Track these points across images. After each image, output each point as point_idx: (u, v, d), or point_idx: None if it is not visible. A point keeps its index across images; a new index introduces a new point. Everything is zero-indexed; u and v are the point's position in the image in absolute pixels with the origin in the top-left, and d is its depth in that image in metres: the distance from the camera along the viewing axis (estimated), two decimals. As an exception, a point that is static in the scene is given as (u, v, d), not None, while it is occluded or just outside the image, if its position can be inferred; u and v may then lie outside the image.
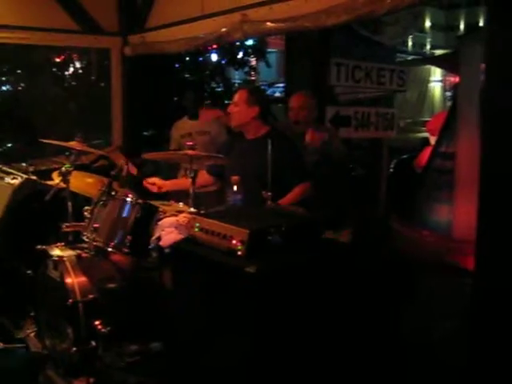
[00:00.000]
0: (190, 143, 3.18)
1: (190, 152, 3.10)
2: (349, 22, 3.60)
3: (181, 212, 2.94)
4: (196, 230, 2.51)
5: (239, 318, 2.28)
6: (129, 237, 3.22)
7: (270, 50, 11.51)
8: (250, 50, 9.91)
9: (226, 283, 2.32)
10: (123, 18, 5.78)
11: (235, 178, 2.92)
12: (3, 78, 8.61)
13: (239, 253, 2.27)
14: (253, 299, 2.21)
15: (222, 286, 2.35)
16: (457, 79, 5.23)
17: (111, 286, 3.25)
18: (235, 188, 2.90)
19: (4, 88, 8.69)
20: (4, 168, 4.48)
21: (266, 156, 3.04)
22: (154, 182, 3.75)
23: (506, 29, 2.61)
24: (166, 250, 2.67)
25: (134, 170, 3.92)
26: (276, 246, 2.28)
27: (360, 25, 5.94)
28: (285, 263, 2.31)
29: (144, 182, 3.79)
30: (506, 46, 2.62)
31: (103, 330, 3.05)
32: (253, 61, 10.60)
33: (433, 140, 5.84)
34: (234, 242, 2.29)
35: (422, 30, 33.96)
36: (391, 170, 7.75)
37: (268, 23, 4.08)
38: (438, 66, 11.87)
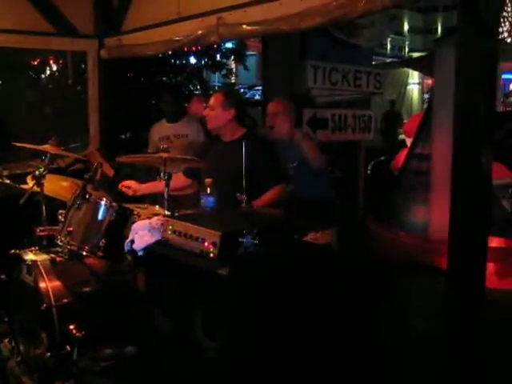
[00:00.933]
0: (165, 146, 3.18)
1: (163, 154, 3.10)
2: (323, 25, 3.63)
3: (156, 215, 2.94)
4: (169, 232, 2.51)
5: (212, 320, 2.28)
6: (103, 240, 3.21)
7: (249, 52, 11.55)
8: (228, 53, 9.94)
9: (199, 286, 2.32)
10: (99, 20, 5.75)
11: (208, 180, 2.93)
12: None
13: (211, 255, 2.28)
14: (225, 301, 2.21)
15: (195, 289, 2.35)
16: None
17: (86, 289, 3.23)
18: (209, 190, 2.90)
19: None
20: (-23, 172, 4.43)
21: (242, 158, 3.05)
22: (129, 186, 3.74)
23: (477, 32, 2.66)
24: (140, 253, 2.66)
25: (110, 172, 3.90)
26: (248, 248, 2.28)
27: (336, 28, 5.98)
28: (257, 265, 2.31)
29: (120, 186, 3.77)
30: (477, 48, 2.67)
31: (78, 334, 3.03)
32: (231, 63, 10.63)
33: (409, 142, 5.92)
34: (206, 244, 2.30)
35: (400, 33, 34.30)
36: (369, 171, 7.82)
37: (243, 26, 4.09)
38: (415, 68, 12.03)
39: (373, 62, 10.08)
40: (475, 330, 2.86)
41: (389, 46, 33.57)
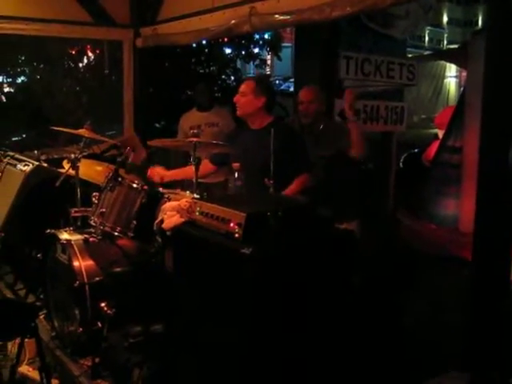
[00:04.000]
0: (195, 131, 3.26)
1: (193, 139, 3.18)
2: (353, 14, 3.65)
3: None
4: (197, 213, 2.59)
5: (236, 299, 2.35)
6: (134, 222, 3.32)
7: (285, 44, 11.54)
8: (263, 44, 9.96)
9: (224, 265, 2.40)
10: (135, 10, 5.89)
11: (236, 164, 3.00)
12: (18, 70, 8.76)
13: (236, 235, 2.34)
14: (249, 280, 2.28)
15: (220, 268, 2.43)
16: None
17: (117, 269, 3.35)
18: (236, 175, 2.97)
19: (19, 79, 8.85)
20: (17, 156, 4.60)
21: (270, 145, 3.11)
22: (157, 172, 3.81)
23: (507, 21, 2.65)
24: (168, 233, 2.75)
25: (143, 154, 3.98)
26: (274, 229, 2.34)
27: (370, 18, 5.96)
28: (281, 246, 2.37)
29: (148, 173, 3.84)
30: (507, 37, 2.66)
31: (109, 311, 3.16)
32: (267, 55, 10.66)
33: (440, 134, 5.86)
34: (231, 224, 2.37)
35: (439, 25, 33.71)
36: (401, 164, 7.78)
37: (275, 16, 4.15)
38: (449, 60, 11.79)
39: (410, 55, 9.99)
40: (499, 322, 2.86)
41: (427, 39, 33.07)
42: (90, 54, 8.79)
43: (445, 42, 35.36)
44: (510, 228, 2.85)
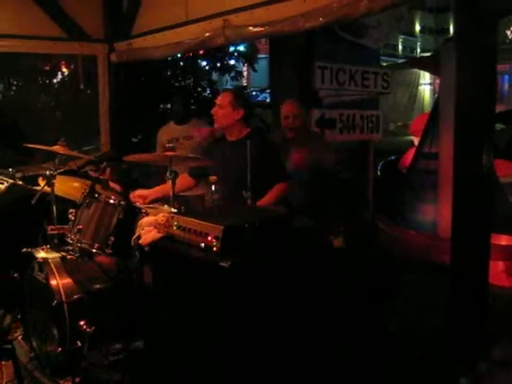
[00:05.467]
0: (171, 145, 3.25)
1: (169, 153, 3.17)
2: (326, 25, 3.68)
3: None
4: (174, 228, 2.58)
5: (216, 313, 2.34)
6: (112, 238, 3.28)
7: (261, 55, 11.60)
8: (238, 56, 10.01)
9: (203, 279, 2.39)
10: (109, 25, 5.86)
11: (213, 177, 2.99)
12: (-9, 86, 8.69)
13: (214, 249, 2.34)
14: (228, 293, 2.27)
15: (199, 282, 2.42)
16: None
17: (95, 286, 3.31)
18: (213, 188, 2.97)
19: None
20: (-9, 174, 4.53)
21: (247, 157, 3.11)
22: (139, 195, 3.78)
23: (475, 27, 2.70)
24: (146, 249, 2.73)
25: (117, 188, 3.92)
26: (251, 241, 2.34)
27: (343, 28, 6.03)
28: (259, 257, 2.37)
29: (131, 197, 3.80)
30: (476, 43, 2.71)
31: (88, 329, 3.10)
32: (241, 66, 10.70)
33: (416, 141, 5.94)
34: (209, 238, 2.36)
35: (411, 33, 34.21)
36: (378, 171, 7.84)
37: (249, 28, 4.17)
38: (421, 68, 11.98)
39: (384, 63, 10.10)
40: (478, 326, 2.90)
41: (400, 47, 33.51)
42: (64, 69, 8.74)
43: (418, 50, 35.86)
44: (486, 231, 2.89)
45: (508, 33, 24.55)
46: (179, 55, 8.45)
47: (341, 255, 2.95)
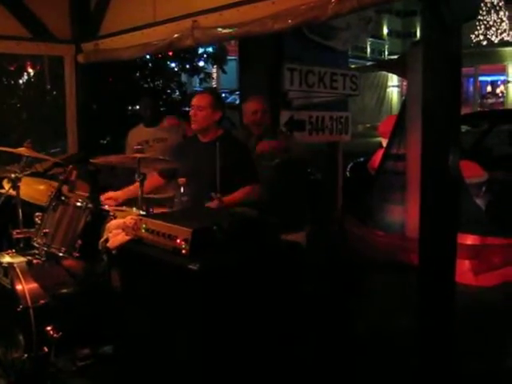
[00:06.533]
0: (139, 147, 3.22)
1: (137, 155, 3.14)
2: (295, 27, 3.70)
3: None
4: (143, 231, 2.55)
5: (186, 316, 2.33)
6: (79, 241, 3.23)
7: (230, 57, 11.60)
8: (207, 57, 9.99)
9: (172, 282, 2.37)
10: (76, 25, 5.76)
11: (182, 179, 2.98)
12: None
13: (183, 251, 2.32)
14: (197, 296, 2.26)
15: (168, 285, 2.40)
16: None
17: (62, 290, 3.26)
18: (182, 190, 2.95)
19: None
20: (-47, 177, 4.41)
21: (220, 157, 3.11)
22: (109, 197, 3.73)
23: (440, 32, 2.75)
24: (114, 252, 2.70)
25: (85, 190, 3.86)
26: (220, 243, 2.33)
27: (312, 30, 6.06)
28: (228, 260, 2.37)
29: (102, 200, 3.74)
30: (441, 48, 2.75)
31: (55, 335, 3.06)
32: (211, 68, 10.68)
33: (384, 142, 6.00)
34: (178, 241, 2.35)
35: (379, 36, 34.69)
36: (347, 173, 7.90)
37: (218, 29, 4.15)
38: (388, 70, 12.16)
39: (353, 66, 10.19)
40: (447, 325, 2.93)
41: (369, 50, 33.96)
42: (29, 69, 8.58)
43: (386, 53, 36.41)
44: (453, 231, 2.94)
45: (473, 37, 25.08)
46: (148, 56, 8.38)
47: (301, 252, 2.94)
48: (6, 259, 3.30)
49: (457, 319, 3.00)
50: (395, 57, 28.17)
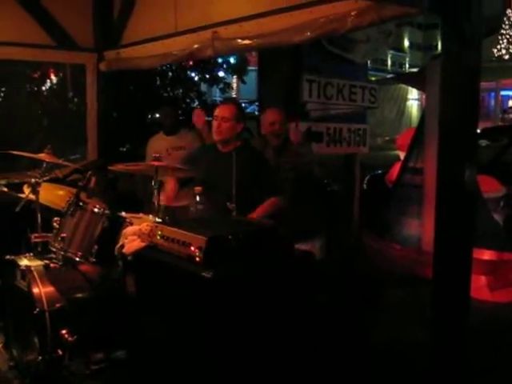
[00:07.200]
0: (157, 155, 3.25)
1: (155, 163, 3.18)
2: (314, 39, 3.73)
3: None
4: (158, 237, 2.58)
5: (198, 323, 2.35)
6: (96, 246, 3.27)
7: (250, 68, 11.68)
8: (227, 67, 10.07)
9: (185, 289, 2.39)
10: (98, 34, 5.86)
11: (198, 188, 3.00)
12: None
13: (197, 259, 2.34)
14: (210, 304, 2.28)
15: (182, 292, 2.42)
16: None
17: (78, 295, 3.30)
18: (198, 198, 2.98)
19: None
20: (-25, 180, 4.51)
21: (238, 168, 3.13)
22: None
23: (459, 46, 2.74)
24: (129, 258, 2.73)
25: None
26: (234, 252, 2.35)
27: (331, 42, 6.08)
28: (241, 269, 2.38)
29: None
30: (460, 61, 2.75)
31: (70, 338, 3.09)
32: (231, 78, 10.75)
33: (402, 156, 5.99)
34: (192, 248, 2.37)
35: (400, 49, 34.61)
36: (364, 185, 7.88)
37: (238, 40, 4.21)
38: (408, 83, 12.10)
39: (373, 78, 10.19)
40: (460, 340, 2.91)
41: (389, 62, 33.87)
42: (52, 77, 8.73)
43: (407, 66, 36.30)
44: (469, 246, 2.92)
45: (495, 51, 24.91)
46: (168, 65, 8.48)
47: (314, 263, 2.95)
48: (24, 262, 3.35)
49: (472, 335, 2.98)
50: (416, 69, 28.05)
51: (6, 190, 4.33)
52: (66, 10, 5.60)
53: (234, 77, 11.56)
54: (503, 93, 32.39)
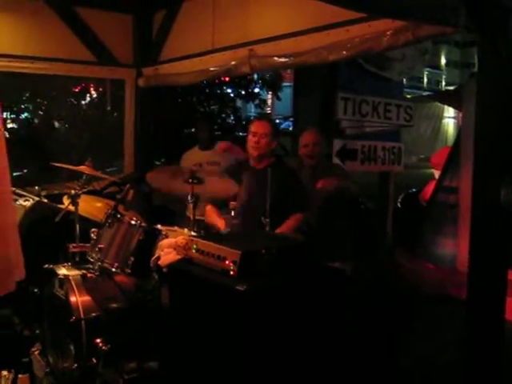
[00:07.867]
0: (193, 168, 3.32)
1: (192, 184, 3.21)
2: (349, 58, 3.78)
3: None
4: (193, 251, 2.63)
5: (231, 336, 2.38)
6: (132, 258, 3.34)
7: (285, 84, 11.76)
8: (262, 84, 10.16)
9: (219, 302, 2.43)
10: (138, 50, 6.02)
11: (233, 203, 3.05)
12: (22, 106, 8.92)
13: (231, 273, 2.38)
14: (243, 317, 2.31)
15: (215, 305, 2.46)
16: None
17: (113, 305, 3.36)
18: (233, 213, 3.02)
19: (23, 115, 9.00)
20: (18, 191, 4.65)
21: (273, 184, 3.17)
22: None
23: (495, 63, 2.74)
24: (165, 270, 2.78)
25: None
26: (268, 266, 2.38)
27: (367, 60, 6.10)
28: (274, 283, 2.41)
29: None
30: (496, 79, 2.75)
31: (104, 347, 3.15)
32: (266, 94, 10.84)
33: (437, 174, 5.94)
34: (227, 262, 2.41)
35: (437, 66, 34.28)
36: (398, 204, 7.82)
37: (274, 58, 4.27)
38: (443, 102, 11.95)
39: (409, 96, 10.12)
40: (494, 361, 2.87)
41: (425, 80, 33.56)
42: (92, 91, 8.96)
43: (443, 84, 35.90)
44: (504, 267, 2.88)
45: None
46: (205, 81, 8.61)
47: (345, 280, 2.95)
48: (62, 271, 3.44)
49: (506, 357, 2.94)
50: (452, 87, 27.74)
51: (46, 200, 4.45)
52: (107, 28, 5.79)
53: (269, 93, 11.64)
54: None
